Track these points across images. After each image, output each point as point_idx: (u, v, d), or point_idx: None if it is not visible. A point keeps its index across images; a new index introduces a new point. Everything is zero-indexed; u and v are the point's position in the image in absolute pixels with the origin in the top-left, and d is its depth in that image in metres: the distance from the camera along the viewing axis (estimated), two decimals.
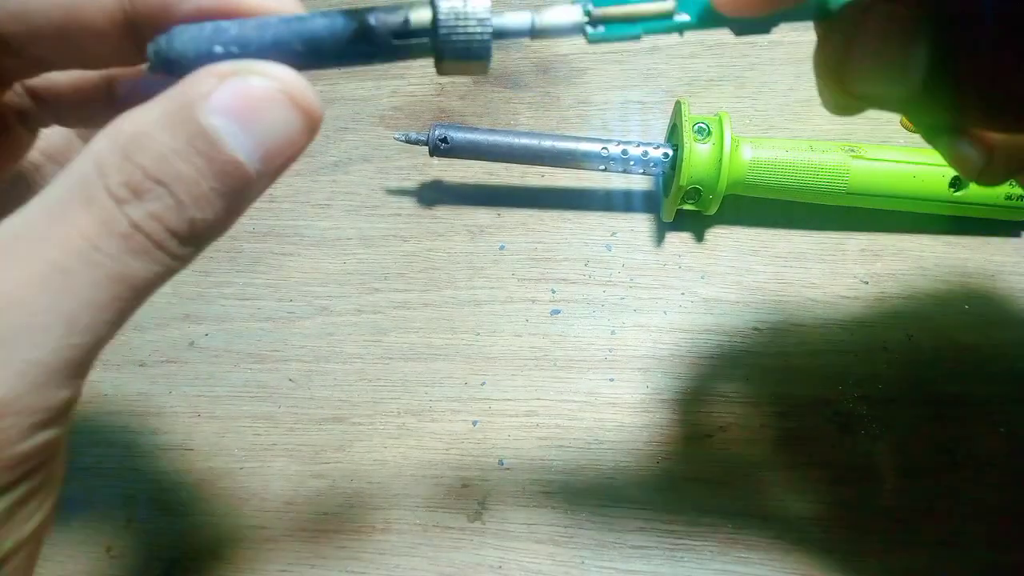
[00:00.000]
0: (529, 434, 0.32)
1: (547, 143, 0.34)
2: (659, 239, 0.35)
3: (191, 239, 0.14)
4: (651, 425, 0.32)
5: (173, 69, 0.15)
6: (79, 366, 0.14)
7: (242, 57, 0.14)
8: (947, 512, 0.30)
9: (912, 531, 0.29)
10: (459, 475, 0.31)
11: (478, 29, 0.15)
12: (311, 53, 0.15)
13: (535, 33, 0.16)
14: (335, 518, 0.31)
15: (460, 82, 0.39)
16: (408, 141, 0.34)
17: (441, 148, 0.34)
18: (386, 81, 0.39)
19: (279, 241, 0.36)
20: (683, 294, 0.34)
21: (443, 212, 0.36)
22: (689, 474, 0.31)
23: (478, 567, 0.30)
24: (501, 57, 0.40)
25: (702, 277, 0.34)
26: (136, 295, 0.14)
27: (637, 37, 0.17)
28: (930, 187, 0.32)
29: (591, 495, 0.31)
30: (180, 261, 0.14)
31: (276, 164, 0.14)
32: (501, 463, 0.31)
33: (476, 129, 0.34)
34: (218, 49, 0.14)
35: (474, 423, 0.32)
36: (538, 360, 0.33)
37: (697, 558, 0.30)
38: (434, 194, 0.37)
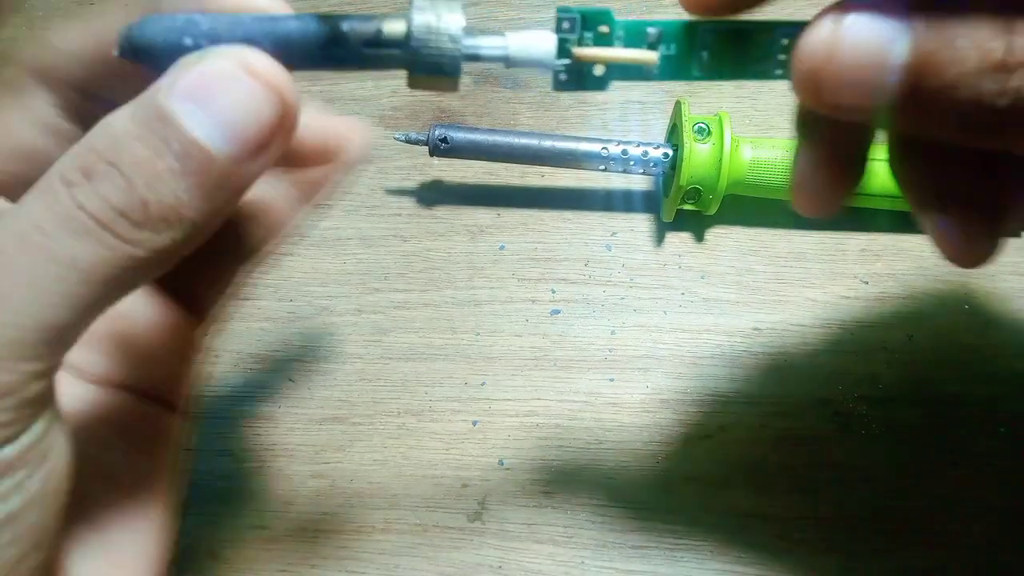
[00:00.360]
0: (529, 434, 0.32)
1: (547, 143, 0.34)
2: (659, 239, 0.35)
3: (147, 222, 0.14)
4: (651, 425, 0.32)
5: (141, 57, 0.15)
6: (27, 347, 0.13)
7: (206, 43, 0.14)
8: (947, 512, 0.30)
9: (912, 531, 0.29)
10: (459, 475, 0.31)
11: (449, 46, 0.15)
12: (282, 53, 0.15)
13: (510, 62, 0.16)
14: (335, 518, 0.31)
15: (460, 82, 0.39)
16: (408, 141, 0.34)
17: (441, 148, 0.34)
18: (386, 81, 0.39)
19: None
20: (683, 294, 0.34)
21: (443, 212, 0.36)
22: (689, 474, 0.31)
23: (478, 567, 0.30)
24: None
25: (702, 277, 0.34)
26: (87, 278, 0.14)
27: (603, 89, 0.16)
28: None
29: (591, 495, 0.31)
30: (138, 247, 0.14)
31: (248, 144, 0.14)
32: (501, 463, 0.31)
33: (476, 129, 0.34)
34: (187, 41, 0.14)
35: (474, 423, 0.32)
36: (538, 360, 0.33)
37: (697, 558, 0.30)
38: (434, 194, 0.37)
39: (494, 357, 0.33)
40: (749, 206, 0.35)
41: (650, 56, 0.16)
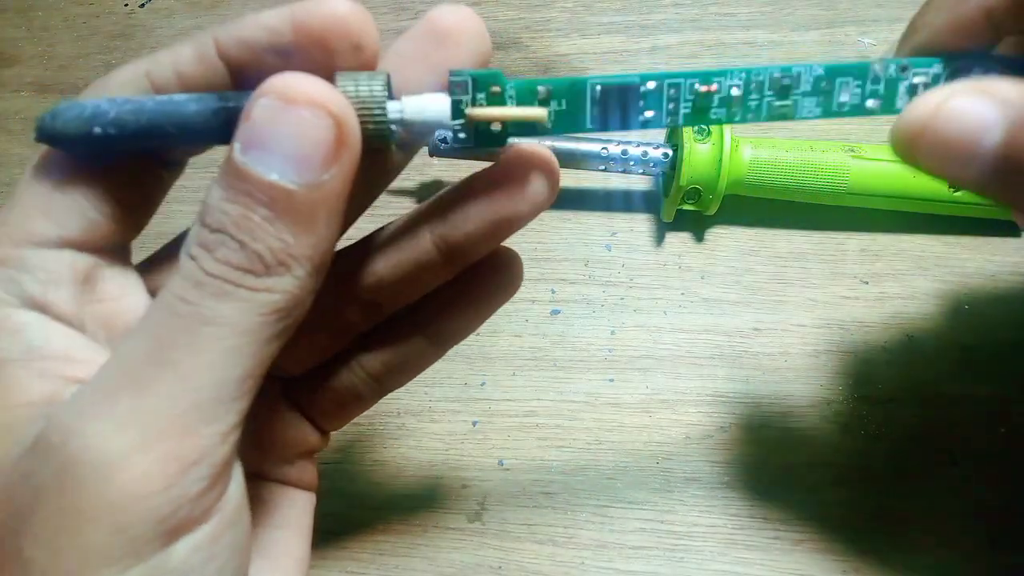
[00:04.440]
0: (529, 434, 0.32)
1: (547, 143, 0.34)
2: (659, 239, 0.35)
3: (267, 270, 0.15)
4: (651, 425, 0.32)
5: (56, 144, 0.16)
6: (207, 410, 0.14)
7: (119, 138, 0.15)
8: (947, 512, 0.30)
9: (912, 531, 0.29)
10: (459, 475, 0.31)
11: (377, 114, 0.16)
12: (184, 135, 0.15)
13: (405, 124, 0.16)
14: (335, 518, 0.31)
15: None
16: None
17: (441, 148, 0.34)
18: None
19: None
20: (683, 294, 0.34)
21: None
22: (689, 474, 0.31)
23: (478, 567, 0.30)
24: (501, 57, 0.40)
25: (702, 277, 0.34)
26: (239, 331, 0.15)
27: (502, 146, 0.17)
28: (930, 187, 0.32)
29: (591, 495, 0.31)
30: (271, 293, 0.15)
31: (315, 165, 0.15)
32: (501, 463, 0.31)
33: None
34: (97, 131, 0.15)
35: (474, 423, 0.32)
36: (538, 360, 0.33)
37: (697, 558, 0.30)
38: (434, 194, 0.37)
39: (494, 357, 0.33)
40: (749, 206, 0.35)
41: (540, 113, 0.17)
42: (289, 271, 0.15)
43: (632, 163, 0.33)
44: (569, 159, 0.34)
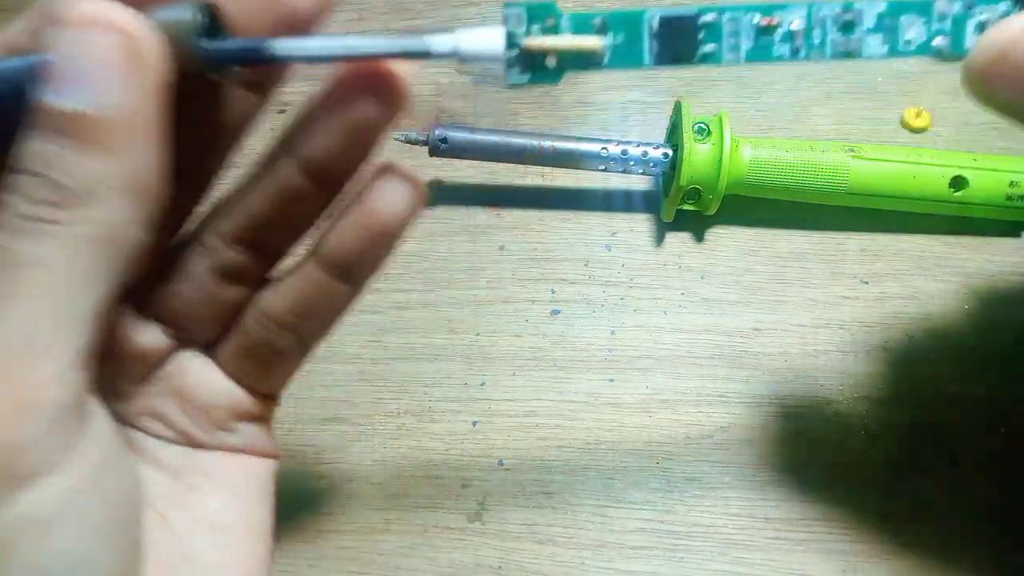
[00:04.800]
0: (529, 434, 0.32)
1: (547, 143, 0.34)
2: (659, 239, 0.35)
3: (68, 200, 0.14)
4: (651, 425, 0.32)
5: None
6: (21, 357, 0.14)
7: None
8: (947, 512, 0.30)
9: (912, 531, 0.29)
10: (459, 475, 0.31)
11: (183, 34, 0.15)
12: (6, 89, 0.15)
13: (461, 57, 0.16)
14: (335, 518, 0.31)
15: (460, 82, 0.39)
16: (408, 141, 0.34)
17: (441, 148, 0.34)
18: None
19: None
20: (683, 294, 0.34)
21: (443, 212, 0.36)
22: (689, 474, 0.31)
23: (478, 567, 0.30)
24: None
25: (702, 277, 0.34)
26: (54, 270, 0.14)
27: (556, 82, 0.17)
28: (930, 187, 0.32)
29: (591, 495, 0.31)
30: (81, 224, 0.14)
31: (111, 87, 0.14)
32: (501, 463, 0.31)
33: (476, 129, 0.34)
34: None
35: (474, 423, 0.32)
36: (538, 360, 0.33)
37: (697, 558, 0.30)
38: (434, 194, 0.37)
39: (494, 357, 0.33)
40: (749, 206, 0.35)
41: (596, 43, 0.16)
42: (101, 198, 0.14)
43: (632, 163, 0.33)
44: (569, 159, 0.34)
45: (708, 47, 0.17)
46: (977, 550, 0.29)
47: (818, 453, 0.31)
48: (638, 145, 0.33)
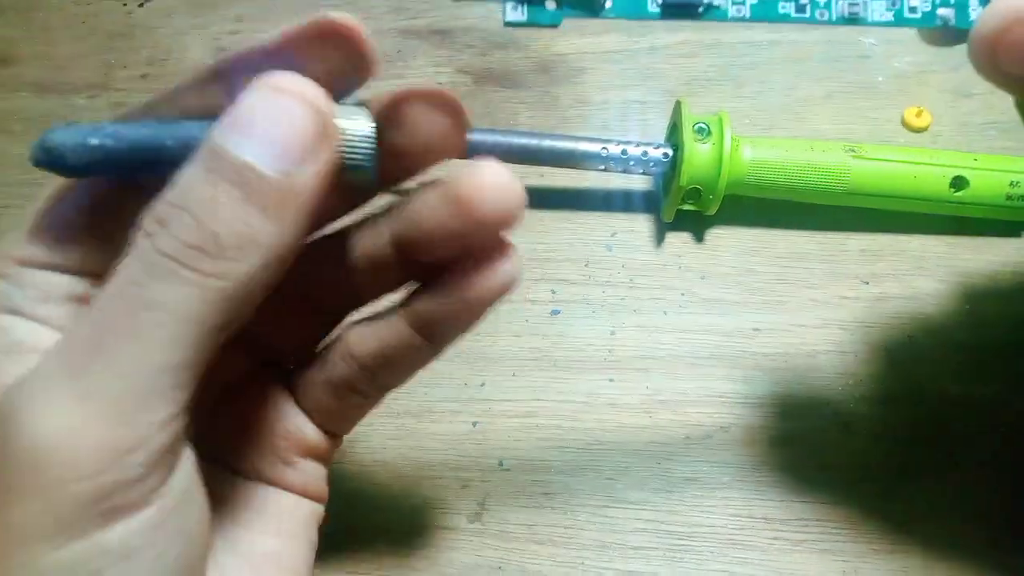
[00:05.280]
0: (529, 435, 0.32)
1: (547, 143, 0.34)
2: (659, 239, 0.35)
3: (221, 252, 0.14)
4: (651, 425, 0.32)
5: (53, 160, 0.16)
6: (143, 398, 0.14)
7: (117, 147, 0.15)
8: (947, 512, 0.30)
9: (912, 531, 0.29)
10: (459, 476, 0.31)
11: (362, 146, 0.16)
12: (186, 150, 0.15)
13: None
14: (335, 518, 0.31)
15: (460, 82, 0.39)
16: None
17: None
18: (385, 81, 0.39)
19: None
20: (683, 294, 0.34)
21: None
22: (689, 474, 0.31)
23: (478, 568, 0.30)
24: (501, 56, 0.40)
25: (702, 277, 0.34)
26: (182, 318, 0.14)
27: (556, 24, 0.17)
28: (930, 187, 0.32)
29: (591, 496, 0.31)
30: (221, 279, 0.14)
31: (293, 155, 0.15)
32: (501, 464, 0.31)
33: (476, 129, 0.34)
34: (93, 141, 0.15)
35: (474, 424, 0.32)
36: (538, 360, 0.33)
37: (697, 558, 0.30)
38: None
39: (494, 358, 0.33)
40: (749, 206, 0.35)
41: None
42: (245, 257, 0.14)
43: (632, 163, 0.33)
44: (569, 159, 0.34)
45: (715, 0, 0.17)
46: (977, 550, 0.29)
47: (818, 453, 0.31)
48: (638, 145, 0.33)
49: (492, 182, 0.18)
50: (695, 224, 0.35)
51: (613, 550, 0.30)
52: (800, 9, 0.17)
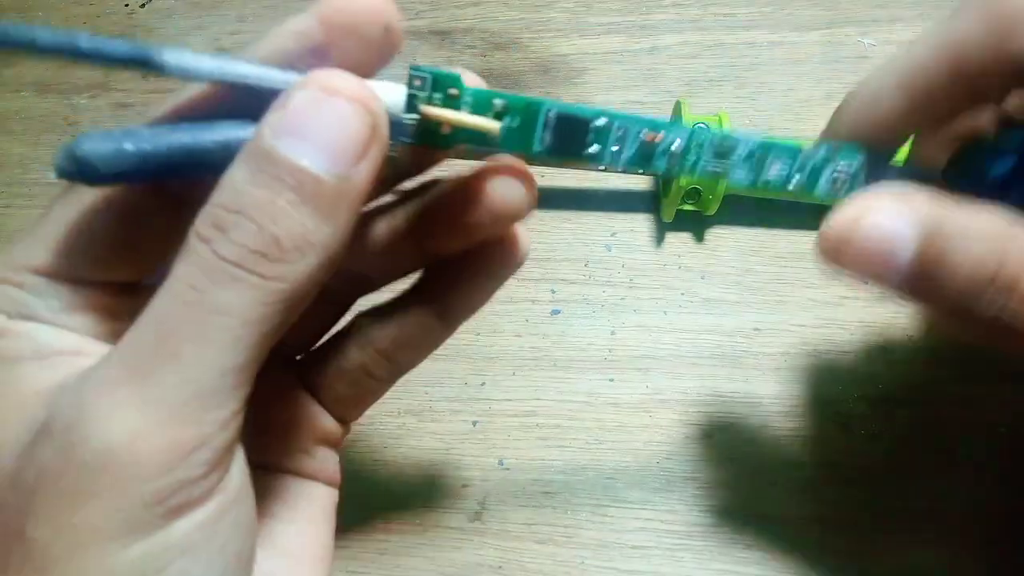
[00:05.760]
0: (529, 434, 0.32)
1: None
2: (659, 239, 0.35)
3: (282, 255, 0.14)
4: (651, 425, 0.32)
5: (83, 172, 0.15)
6: (208, 397, 0.15)
7: (153, 154, 0.15)
8: (947, 512, 0.30)
9: (912, 531, 0.29)
10: (459, 475, 0.31)
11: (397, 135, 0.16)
12: (226, 153, 0.15)
13: None
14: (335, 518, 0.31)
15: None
16: None
17: None
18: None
19: None
20: (683, 294, 0.34)
21: None
22: (689, 474, 0.31)
23: (478, 567, 0.30)
24: (501, 57, 0.40)
25: (702, 277, 0.34)
26: (244, 320, 0.14)
27: (446, 149, 0.17)
28: None
29: (591, 495, 0.31)
30: (281, 281, 0.15)
31: (348, 157, 0.15)
32: (501, 463, 0.31)
33: None
34: (128, 147, 0.15)
35: (474, 423, 0.32)
36: (538, 360, 0.33)
37: (697, 558, 0.30)
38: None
39: (494, 357, 0.33)
40: (749, 206, 0.35)
41: (492, 125, 0.17)
42: (303, 258, 0.15)
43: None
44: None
45: (593, 148, 0.17)
46: (977, 550, 0.29)
47: (818, 453, 0.31)
48: None
49: (512, 182, 0.19)
50: (695, 224, 0.35)
51: (613, 550, 0.30)
52: (669, 168, 0.18)
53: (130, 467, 0.14)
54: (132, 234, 0.17)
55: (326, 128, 0.15)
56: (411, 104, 0.16)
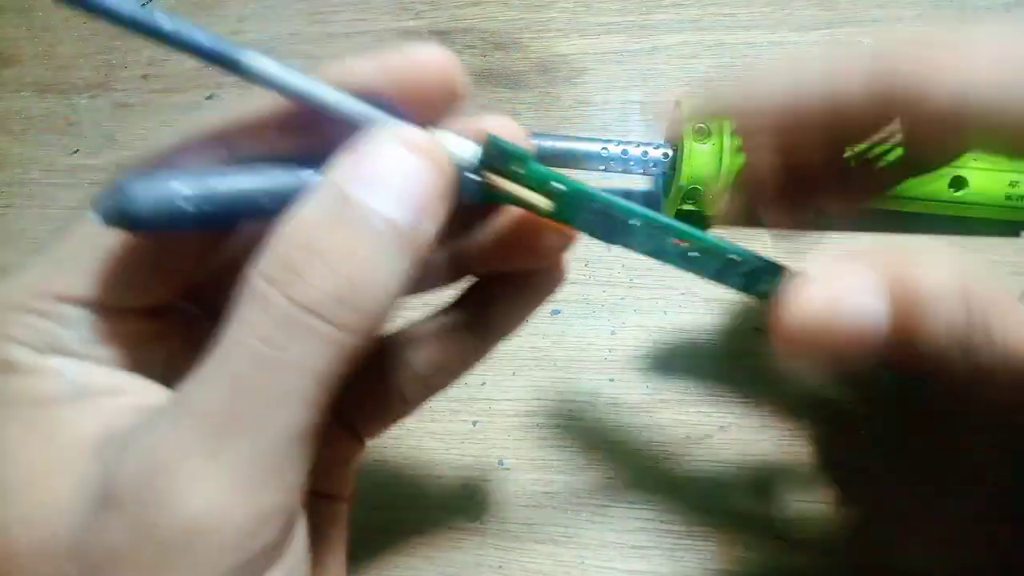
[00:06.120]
0: (529, 434, 0.32)
1: (547, 143, 0.34)
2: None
3: (359, 304, 0.14)
4: (651, 425, 0.32)
5: (131, 228, 0.15)
6: (284, 463, 0.14)
7: (208, 214, 0.15)
8: (947, 512, 0.30)
9: (913, 531, 0.29)
10: (459, 475, 0.31)
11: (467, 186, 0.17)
12: (280, 205, 0.15)
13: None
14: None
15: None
16: None
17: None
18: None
19: None
20: (683, 294, 0.34)
21: None
22: (689, 474, 0.31)
23: (478, 567, 0.30)
24: (501, 57, 0.40)
25: None
26: (318, 377, 0.14)
27: (497, 202, 0.18)
28: (930, 187, 0.32)
29: (591, 495, 0.31)
30: (354, 332, 0.14)
31: (423, 209, 0.15)
32: (501, 463, 0.31)
33: None
34: (185, 207, 0.15)
35: (474, 423, 0.32)
36: (538, 360, 0.33)
37: (697, 558, 0.30)
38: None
39: (494, 357, 0.33)
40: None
41: (545, 205, 0.18)
42: (377, 305, 0.14)
43: (632, 163, 0.33)
44: (569, 159, 0.34)
45: (624, 238, 0.19)
46: (977, 550, 0.29)
47: (818, 453, 0.31)
48: (638, 145, 0.33)
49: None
50: (695, 224, 0.35)
51: (613, 550, 0.30)
52: (685, 265, 0.21)
53: (212, 542, 0.14)
54: (169, 258, 0.17)
55: (405, 180, 0.15)
56: (480, 168, 0.17)
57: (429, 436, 0.32)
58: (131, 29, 0.14)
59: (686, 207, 0.34)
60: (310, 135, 0.16)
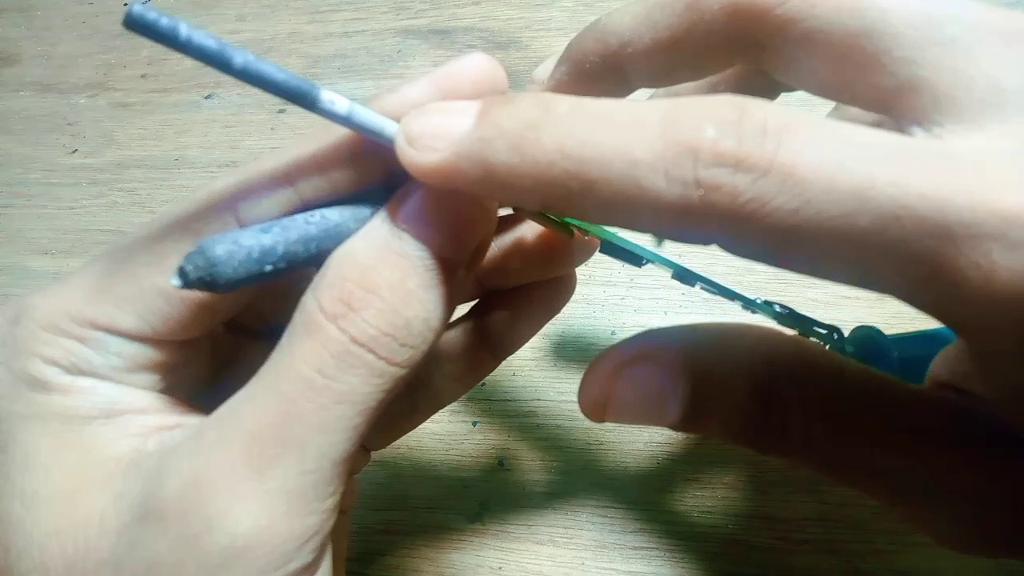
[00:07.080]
0: (529, 435, 0.32)
1: None
2: (659, 239, 0.35)
3: (409, 339, 0.15)
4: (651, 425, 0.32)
5: (214, 289, 0.15)
6: (324, 488, 0.15)
7: (286, 270, 0.15)
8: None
9: (913, 531, 0.29)
10: (459, 476, 0.31)
11: None
12: (333, 247, 0.15)
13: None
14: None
15: None
16: None
17: None
18: (386, 81, 0.39)
19: None
20: (683, 294, 0.34)
21: None
22: (689, 474, 0.31)
23: (478, 568, 0.30)
24: (501, 57, 0.40)
25: None
26: (363, 408, 0.15)
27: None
28: None
29: (591, 496, 0.31)
30: (402, 366, 0.15)
31: (469, 245, 0.15)
32: (501, 464, 0.31)
33: None
34: (268, 268, 0.15)
35: (474, 423, 0.32)
36: (538, 360, 0.33)
37: (697, 558, 0.30)
38: None
39: None
40: None
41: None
42: (424, 342, 0.15)
43: None
44: None
45: (648, 264, 0.21)
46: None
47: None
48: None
49: (580, 247, 0.20)
50: None
51: (613, 550, 0.30)
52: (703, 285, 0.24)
53: (253, 562, 0.14)
54: (225, 300, 0.17)
55: (454, 219, 0.15)
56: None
57: (429, 436, 0.32)
58: (210, 65, 0.14)
59: None
60: (370, 167, 0.16)
